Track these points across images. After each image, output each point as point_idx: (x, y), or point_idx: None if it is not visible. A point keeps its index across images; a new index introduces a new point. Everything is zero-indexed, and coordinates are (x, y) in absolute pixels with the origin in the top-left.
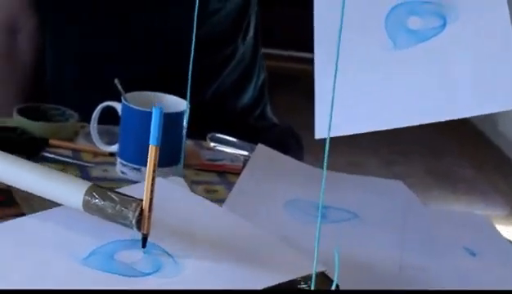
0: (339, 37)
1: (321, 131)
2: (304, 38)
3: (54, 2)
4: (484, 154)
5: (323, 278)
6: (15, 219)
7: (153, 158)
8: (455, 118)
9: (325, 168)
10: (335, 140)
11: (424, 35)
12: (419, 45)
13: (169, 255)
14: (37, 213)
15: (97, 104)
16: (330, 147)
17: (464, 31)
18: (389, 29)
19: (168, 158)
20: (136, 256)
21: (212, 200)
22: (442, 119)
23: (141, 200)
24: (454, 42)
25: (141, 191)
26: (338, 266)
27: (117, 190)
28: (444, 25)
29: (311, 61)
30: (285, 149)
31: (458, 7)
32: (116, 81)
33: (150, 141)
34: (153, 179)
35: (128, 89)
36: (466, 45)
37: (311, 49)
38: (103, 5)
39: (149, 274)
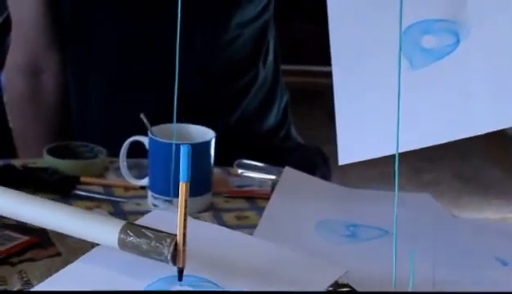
0: (399, 53)
1: (344, 157)
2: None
3: (76, 37)
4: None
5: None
6: (62, 270)
7: (184, 194)
8: (476, 134)
9: (396, 188)
10: None
11: (439, 53)
12: (434, 63)
13: (217, 285)
14: (80, 258)
15: (124, 139)
16: (362, 160)
17: (478, 46)
18: (404, 49)
19: (198, 188)
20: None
21: (244, 226)
22: (463, 136)
23: (175, 235)
24: (468, 58)
25: (166, 219)
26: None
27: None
28: (458, 42)
29: (327, 75)
30: (312, 168)
31: (469, 23)
32: (142, 115)
33: (181, 178)
34: (185, 214)
35: (155, 119)
36: (481, 60)
37: (325, 62)
38: (126, 36)
39: None
